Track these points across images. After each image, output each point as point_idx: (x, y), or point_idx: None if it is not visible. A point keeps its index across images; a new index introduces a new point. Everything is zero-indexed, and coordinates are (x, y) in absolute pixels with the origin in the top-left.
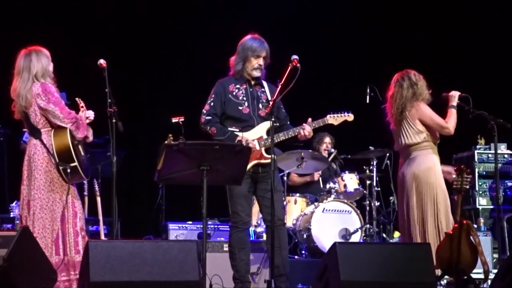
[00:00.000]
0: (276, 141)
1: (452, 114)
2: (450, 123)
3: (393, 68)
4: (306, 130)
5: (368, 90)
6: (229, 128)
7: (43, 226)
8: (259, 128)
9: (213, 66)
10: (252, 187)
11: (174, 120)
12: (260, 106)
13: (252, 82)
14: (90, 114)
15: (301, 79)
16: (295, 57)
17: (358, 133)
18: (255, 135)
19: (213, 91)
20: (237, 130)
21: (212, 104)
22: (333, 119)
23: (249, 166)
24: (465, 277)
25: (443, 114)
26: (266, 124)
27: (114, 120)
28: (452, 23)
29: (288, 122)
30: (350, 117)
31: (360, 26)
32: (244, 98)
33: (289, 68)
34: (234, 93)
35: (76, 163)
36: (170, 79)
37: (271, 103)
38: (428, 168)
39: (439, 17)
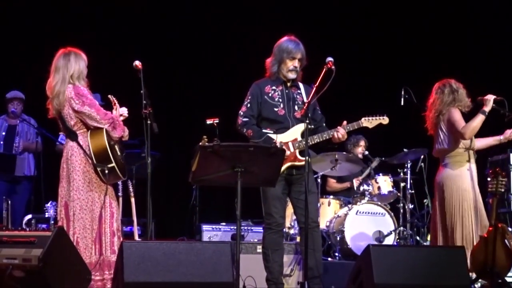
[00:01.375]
0: (311, 143)
1: (476, 119)
2: (467, 127)
3: (427, 71)
4: (340, 132)
5: (402, 93)
6: (264, 130)
7: (83, 226)
8: (294, 130)
9: (248, 67)
10: (286, 189)
11: (208, 121)
12: (296, 108)
13: (288, 84)
14: (124, 111)
15: (336, 81)
16: (330, 59)
17: (392, 136)
18: (289, 137)
19: (250, 92)
20: (271, 132)
21: (249, 105)
22: (368, 122)
23: (283, 168)
24: (500, 281)
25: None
26: (301, 126)
27: (149, 122)
28: (487, 26)
29: (324, 124)
30: (385, 120)
31: (395, 28)
32: (280, 100)
33: (324, 70)
34: (270, 95)
35: (113, 164)
36: (205, 80)
37: (305, 105)
38: (455, 175)
39: (474, 19)
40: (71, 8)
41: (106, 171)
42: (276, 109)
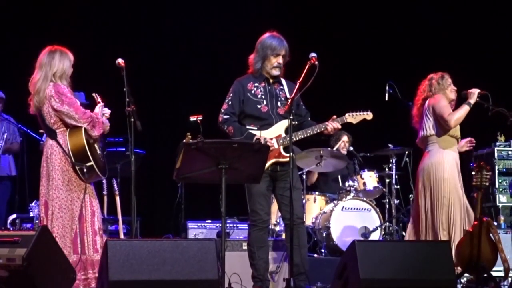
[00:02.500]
0: (295, 139)
1: (461, 109)
2: (452, 116)
3: (412, 65)
4: (329, 127)
5: (387, 87)
6: (248, 127)
7: (62, 225)
8: (277, 127)
9: (232, 64)
10: (271, 186)
11: (192, 118)
12: (279, 104)
13: (271, 80)
14: (107, 111)
15: (319, 76)
16: (313, 54)
17: (377, 131)
18: (273, 134)
19: (232, 89)
20: (255, 128)
21: (230, 103)
22: (352, 117)
23: (267, 164)
24: (486, 275)
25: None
26: (285, 123)
27: (132, 119)
28: (472, 19)
29: (309, 118)
30: (369, 115)
31: (379, 22)
32: (263, 97)
33: (307, 66)
34: (253, 92)
35: (92, 163)
36: (189, 77)
37: (289, 101)
38: (437, 162)
39: (459, 13)
40: (54, 5)
41: (85, 170)
42: (259, 106)
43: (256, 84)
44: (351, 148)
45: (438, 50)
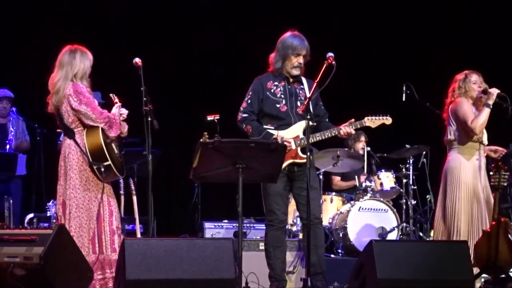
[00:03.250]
0: (312, 141)
1: (482, 113)
2: (476, 122)
3: (430, 66)
4: (342, 131)
5: (404, 88)
6: (266, 126)
7: (79, 225)
8: (296, 127)
9: (249, 63)
10: (288, 185)
11: (209, 118)
12: (298, 103)
13: (291, 79)
14: (124, 112)
15: (337, 76)
16: (330, 54)
17: (394, 131)
18: (291, 134)
19: (251, 88)
20: (273, 128)
21: (249, 101)
22: (371, 121)
23: (284, 164)
24: (503, 275)
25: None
26: (303, 123)
27: (149, 119)
28: (492, 18)
29: (327, 120)
30: (388, 120)
31: (399, 23)
32: (282, 96)
33: (325, 65)
34: (272, 90)
35: (109, 162)
36: (206, 76)
37: (306, 101)
38: (454, 167)
39: (477, 12)
40: (69, 4)
41: (102, 169)
42: (278, 105)
43: (276, 83)
44: (368, 148)
45: (455, 51)
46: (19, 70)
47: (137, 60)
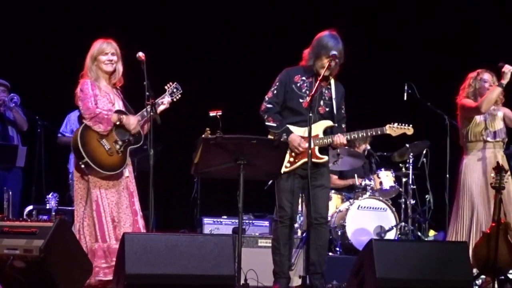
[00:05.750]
0: (321, 144)
1: (491, 91)
2: (482, 101)
3: (432, 66)
4: (336, 141)
5: (405, 87)
6: (285, 120)
7: (77, 215)
8: (316, 126)
9: (253, 59)
10: (300, 183)
11: (212, 113)
12: (321, 103)
13: (319, 78)
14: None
15: (339, 75)
16: (333, 53)
17: None
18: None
19: (278, 78)
20: (292, 122)
21: (275, 92)
22: (392, 130)
23: (299, 163)
24: (502, 277)
25: None
26: (324, 123)
27: (152, 113)
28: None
29: (343, 125)
30: (410, 130)
31: (400, 21)
32: (307, 92)
33: (327, 64)
34: (298, 84)
35: (85, 159)
36: (209, 72)
37: (333, 103)
38: (462, 169)
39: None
40: None
41: (82, 166)
42: (301, 100)
43: (304, 78)
44: (369, 147)
45: (458, 51)
46: (20, 64)
47: (141, 54)
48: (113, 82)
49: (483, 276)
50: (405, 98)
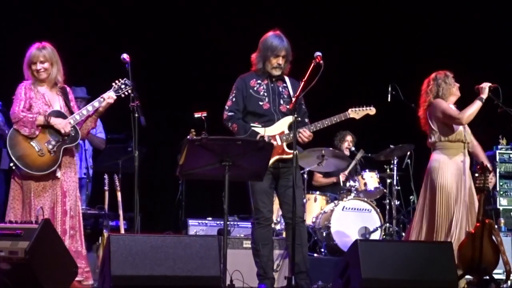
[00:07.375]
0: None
1: (473, 105)
2: (464, 112)
3: (415, 67)
4: (302, 134)
5: (389, 89)
6: (252, 124)
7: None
8: (280, 123)
9: (236, 61)
10: (274, 183)
11: (196, 115)
12: (281, 101)
13: (273, 78)
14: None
15: (323, 76)
16: (318, 53)
17: (379, 132)
18: (276, 130)
19: (235, 86)
20: (259, 126)
21: (234, 99)
22: (355, 113)
23: (271, 162)
24: (487, 277)
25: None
26: (288, 119)
27: (136, 115)
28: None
29: (306, 120)
30: (372, 110)
31: (383, 23)
32: (265, 94)
33: (312, 64)
34: (255, 88)
35: (14, 161)
36: (193, 73)
37: (293, 99)
38: (434, 167)
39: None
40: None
41: (14, 168)
42: (261, 103)
43: (259, 81)
44: (353, 149)
45: (439, 51)
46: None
47: (125, 55)
48: (50, 86)
49: (468, 276)
50: (389, 100)
